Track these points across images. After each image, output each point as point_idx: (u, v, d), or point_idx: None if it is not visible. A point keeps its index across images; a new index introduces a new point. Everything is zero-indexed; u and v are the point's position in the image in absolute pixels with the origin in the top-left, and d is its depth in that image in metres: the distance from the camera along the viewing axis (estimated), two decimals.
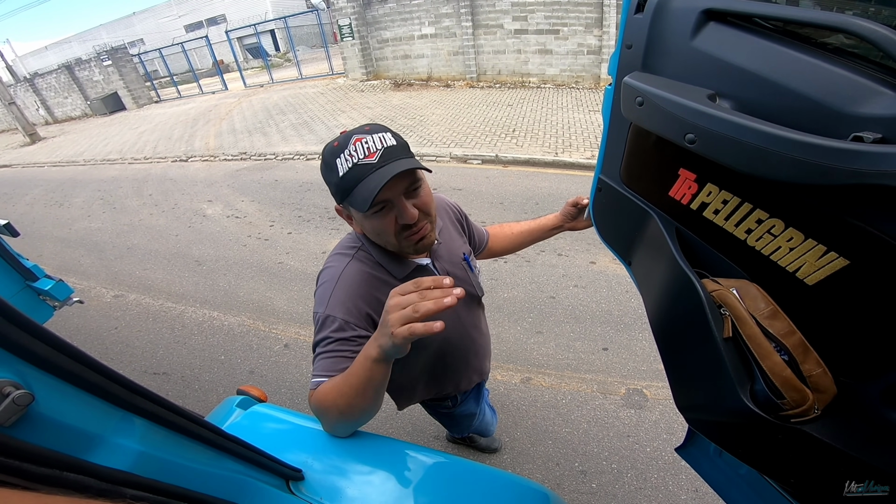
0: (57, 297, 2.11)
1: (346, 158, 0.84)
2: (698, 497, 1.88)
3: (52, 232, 5.89)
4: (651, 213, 0.73)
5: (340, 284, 0.94)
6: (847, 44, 0.52)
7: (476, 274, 1.21)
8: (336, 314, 0.91)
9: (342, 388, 0.82)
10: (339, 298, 0.93)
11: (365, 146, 0.84)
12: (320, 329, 0.92)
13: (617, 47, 0.70)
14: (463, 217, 1.27)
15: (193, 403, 2.67)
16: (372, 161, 0.83)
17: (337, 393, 0.83)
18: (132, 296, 4.00)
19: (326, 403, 0.85)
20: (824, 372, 0.55)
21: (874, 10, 0.61)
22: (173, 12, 32.04)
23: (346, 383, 0.81)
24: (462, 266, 1.15)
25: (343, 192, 0.87)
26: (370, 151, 0.83)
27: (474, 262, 1.22)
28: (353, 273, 0.96)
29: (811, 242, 0.52)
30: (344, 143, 0.86)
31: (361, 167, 0.83)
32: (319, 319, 0.93)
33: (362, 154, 0.83)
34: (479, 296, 1.22)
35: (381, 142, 0.85)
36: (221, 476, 0.65)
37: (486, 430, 1.80)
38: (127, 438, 0.48)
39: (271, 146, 7.97)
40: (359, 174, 0.83)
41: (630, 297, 3.07)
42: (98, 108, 16.18)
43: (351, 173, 0.84)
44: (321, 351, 0.91)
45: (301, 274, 3.90)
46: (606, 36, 8.90)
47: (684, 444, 0.96)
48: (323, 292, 0.95)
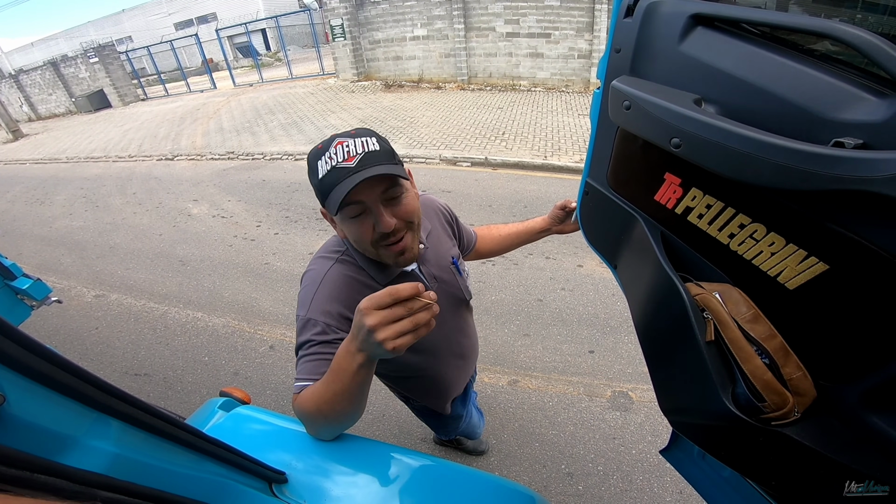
0: (35, 297, 2.06)
1: (325, 161, 0.83)
2: (683, 499, 1.90)
3: (32, 230, 5.77)
4: (637, 218, 0.74)
5: (323, 287, 0.93)
6: (834, 50, 0.53)
7: (464, 277, 1.21)
8: (318, 318, 0.90)
9: (325, 393, 0.80)
10: (320, 302, 0.91)
11: (345, 149, 0.83)
12: (302, 332, 0.91)
13: (606, 51, 0.70)
14: (454, 219, 1.26)
15: (176, 405, 2.63)
16: (350, 165, 0.82)
17: (320, 398, 0.81)
18: (114, 296, 3.93)
19: (310, 408, 0.83)
20: (804, 375, 0.56)
21: (861, 16, 0.62)
22: (163, 10, 31.65)
23: (330, 388, 0.79)
24: (450, 270, 1.15)
25: (322, 194, 0.86)
26: (349, 155, 0.82)
27: (463, 266, 1.22)
28: (335, 276, 0.95)
29: (792, 247, 0.53)
30: (326, 145, 0.85)
31: (339, 170, 0.82)
32: (301, 322, 0.91)
33: (342, 157, 0.82)
34: (466, 299, 1.22)
35: (362, 146, 0.84)
36: (201, 478, 0.64)
37: (473, 432, 1.79)
38: (101, 440, 0.47)
39: (259, 146, 7.91)
40: (336, 177, 0.82)
41: (616, 301, 3.10)
42: (83, 105, 15.91)
43: (329, 176, 0.83)
44: (303, 354, 0.89)
45: (287, 275, 3.87)
46: (597, 40, 9.00)
47: (669, 446, 0.97)
48: (305, 295, 0.94)
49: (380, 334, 0.66)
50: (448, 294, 1.13)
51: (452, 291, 1.14)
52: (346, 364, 0.74)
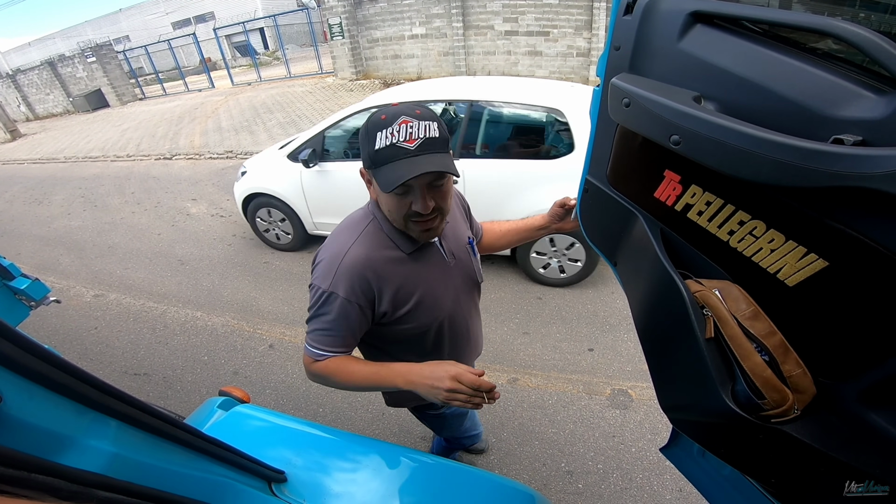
0: (33, 297, 2.05)
1: (387, 135, 0.85)
2: (682, 497, 1.90)
3: (30, 230, 5.75)
4: (637, 215, 0.74)
5: (347, 261, 0.95)
6: (834, 48, 0.52)
7: (477, 259, 1.24)
8: (339, 292, 0.94)
9: (353, 379, 0.97)
10: (343, 275, 0.94)
11: (409, 130, 0.85)
12: (322, 304, 0.95)
13: (605, 49, 0.70)
14: (467, 206, 1.31)
15: (175, 405, 2.62)
16: (410, 147, 0.84)
17: (346, 379, 0.97)
18: (112, 295, 3.92)
19: (329, 377, 0.98)
20: (804, 372, 0.56)
21: (864, 15, 0.62)
22: (161, 9, 31.54)
23: (361, 381, 0.97)
24: (466, 250, 1.18)
25: (373, 162, 0.88)
26: (411, 137, 0.84)
27: (476, 248, 1.26)
28: (359, 252, 0.97)
29: (792, 244, 0.53)
30: (392, 119, 0.86)
31: (398, 148, 0.84)
32: (322, 294, 0.95)
33: (403, 137, 0.84)
34: (479, 281, 1.25)
35: (424, 130, 0.85)
36: (200, 478, 0.63)
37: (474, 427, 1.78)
38: (99, 440, 0.47)
39: (258, 145, 7.88)
40: (393, 154, 0.85)
41: (615, 298, 3.10)
42: (81, 104, 15.87)
43: (386, 150, 0.85)
44: (321, 326, 0.96)
45: (287, 274, 3.86)
46: (596, 38, 9.00)
47: (669, 444, 0.97)
48: (328, 267, 0.96)
49: (448, 396, 0.85)
50: (463, 273, 1.16)
51: (467, 271, 1.18)
52: (390, 381, 0.94)
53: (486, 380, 0.85)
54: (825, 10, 0.70)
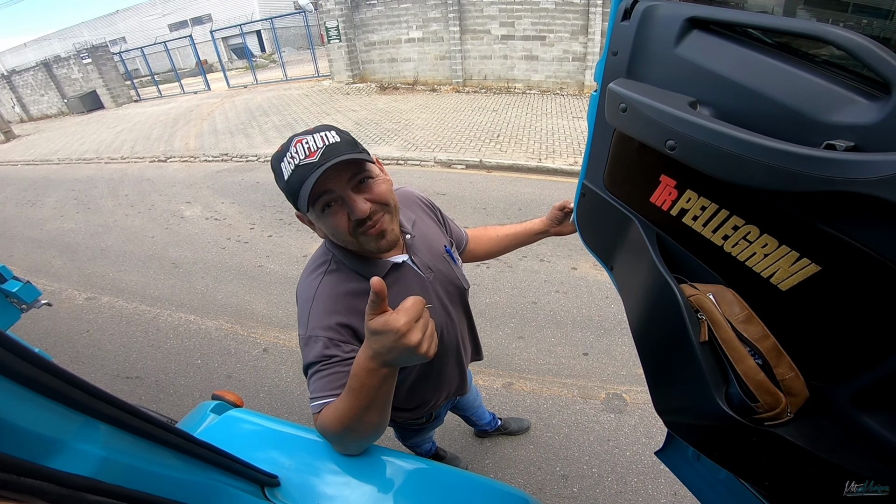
0: (24, 300, 2.03)
1: (288, 161, 0.82)
2: (677, 501, 1.90)
3: (23, 232, 5.71)
4: (633, 219, 0.74)
5: (317, 303, 0.91)
6: (828, 54, 0.53)
7: (459, 266, 1.18)
8: (319, 334, 0.88)
9: (350, 410, 0.78)
10: (318, 317, 0.90)
11: (306, 146, 0.82)
12: (306, 351, 0.89)
13: (603, 54, 0.71)
14: (436, 209, 1.23)
15: (168, 408, 2.60)
16: (313, 160, 0.80)
17: (344, 415, 0.79)
18: (105, 298, 3.89)
19: (335, 427, 0.81)
20: (797, 376, 0.56)
21: (867, 21, 0.62)
22: (158, 11, 31.48)
23: (355, 405, 0.77)
24: (444, 258, 1.12)
25: (292, 196, 0.84)
26: (311, 151, 0.81)
27: (456, 254, 1.20)
28: (327, 289, 0.93)
29: (784, 249, 0.53)
30: (286, 146, 0.84)
31: (303, 167, 0.80)
32: (303, 342, 0.90)
33: (304, 154, 0.81)
34: (465, 287, 1.18)
35: (322, 140, 0.82)
36: (192, 482, 0.63)
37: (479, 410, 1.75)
38: (89, 444, 0.46)
39: (253, 148, 7.87)
40: (302, 174, 0.80)
41: (610, 303, 3.11)
42: (75, 106, 15.77)
43: (294, 175, 0.81)
44: (314, 372, 0.87)
45: (281, 277, 3.85)
46: (591, 43, 9.06)
47: (664, 447, 0.97)
48: (302, 314, 0.93)
49: (423, 347, 0.69)
50: (446, 283, 1.10)
51: (450, 280, 1.12)
52: (370, 380, 0.74)
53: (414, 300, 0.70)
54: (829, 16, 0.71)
